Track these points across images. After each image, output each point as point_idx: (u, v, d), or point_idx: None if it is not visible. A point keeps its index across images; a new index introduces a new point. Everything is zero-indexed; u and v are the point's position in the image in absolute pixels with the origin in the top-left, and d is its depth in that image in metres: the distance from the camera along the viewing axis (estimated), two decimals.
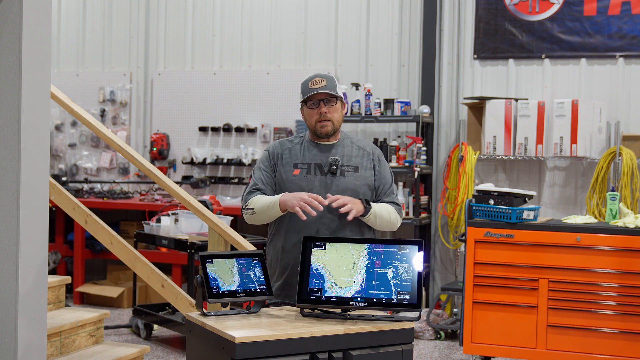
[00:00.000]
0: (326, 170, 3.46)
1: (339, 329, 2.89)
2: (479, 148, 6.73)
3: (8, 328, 3.29)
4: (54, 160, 8.33)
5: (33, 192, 3.35)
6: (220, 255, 3.10)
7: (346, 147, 3.54)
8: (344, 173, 3.47)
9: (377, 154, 3.59)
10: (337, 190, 3.41)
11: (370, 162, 3.54)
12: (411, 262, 3.06)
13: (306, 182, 3.44)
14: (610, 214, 5.45)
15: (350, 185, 3.45)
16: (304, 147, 3.53)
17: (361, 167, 3.51)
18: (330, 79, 3.49)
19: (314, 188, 3.42)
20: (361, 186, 3.47)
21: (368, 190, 3.49)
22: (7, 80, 3.28)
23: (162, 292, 5.09)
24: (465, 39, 7.06)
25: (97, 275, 8.09)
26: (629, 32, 6.57)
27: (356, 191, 3.45)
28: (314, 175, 3.45)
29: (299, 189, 3.42)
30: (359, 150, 3.56)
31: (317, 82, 3.46)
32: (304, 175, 3.45)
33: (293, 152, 3.52)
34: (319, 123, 3.48)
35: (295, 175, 3.45)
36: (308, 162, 3.48)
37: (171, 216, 6.25)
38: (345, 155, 3.51)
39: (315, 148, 3.52)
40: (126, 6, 8.19)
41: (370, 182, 3.51)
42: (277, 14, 7.70)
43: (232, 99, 7.79)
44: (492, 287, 5.28)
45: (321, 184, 3.44)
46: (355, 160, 3.51)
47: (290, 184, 3.44)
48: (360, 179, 3.48)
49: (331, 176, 3.45)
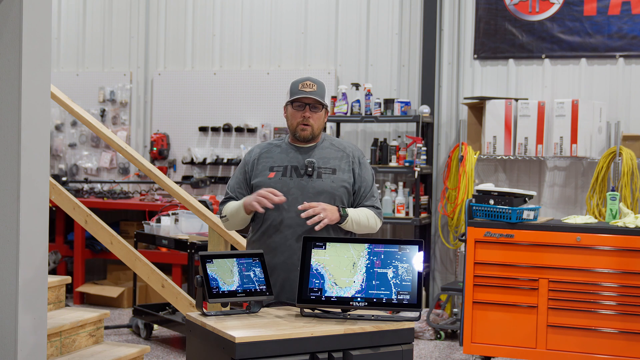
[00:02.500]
0: (302, 172, 3.43)
1: (339, 329, 2.89)
2: (479, 148, 6.73)
3: (8, 328, 3.29)
4: (54, 160, 8.33)
5: (33, 192, 3.35)
6: (220, 255, 3.10)
7: (325, 149, 3.51)
8: (320, 175, 3.43)
9: (357, 156, 3.54)
10: (313, 192, 3.38)
11: (349, 164, 3.50)
12: (411, 262, 3.06)
13: (281, 184, 3.40)
14: (610, 214, 5.45)
15: (326, 187, 3.41)
16: (283, 150, 3.51)
17: (339, 170, 3.47)
18: (321, 85, 3.48)
19: (290, 190, 3.39)
20: (338, 188, 3.43)
21: (345, 192, 3.45)
22: (7, 80, 3.29)
23: (162, 292, 5.09)
24: (465, 39, 7.06)
25: (97, 275, 8.09)
26: (629, 32, 6.57)
27: (332, 193, 3.41)
28: (289, 178, 3.42)
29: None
30: (338, 152, 3.52)
31: (307, 86, 3.45)
32: (279, 178, 3.42)
33: (271, 155, 3.50)
34: (299, 126, 3.46)
35: (270, 178, 3.43)
36: (285, 165, 3.46)
37: (171, 216, 6.25)
38: (323, 157, 3.48)
39: (293, 151, 3.50)
40: (126, 6, 8.19)
41: (348, 185, 3.46)
42: (277, 14, 7.70)
43: (232, 99, 7.79)
44: (492, 287, 5.28)
45: (297, 186, 3.40)
46: (333, 162, 3.48)
47: (265, 186, 3.40)
48: (337, 181, 3.44)
49: (307, 178, 3.42)
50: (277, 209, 3.37)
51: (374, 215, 3.49)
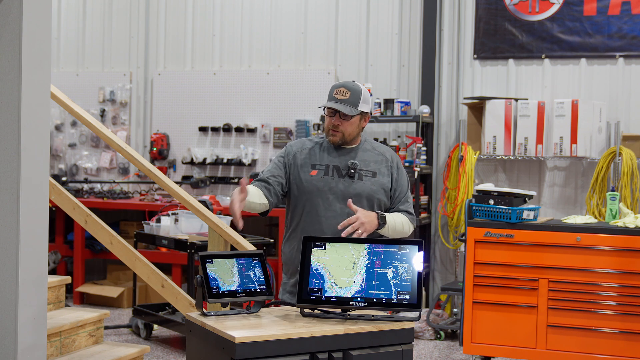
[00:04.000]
0: (344, 173, 3.47)
1: (339, 329, 2.89)
2: (479, 148, 6.73)
3: (8, 328, 3.29)
4: (54, 160, 8.33)
5: (33, 192, 3.35)
6: (220, 255, 3.09)
7: (366, 152, 3.55)
8: (361, 177, 3.47)
9: (395, 161, 3.59)
10: (354, 194, 3.42)
11: (388, 168, 3.55)
12: (411, 262, 3.06)
13: (323, 183, 3.45)
14: (610, 214, 5.45)
15: (367, 189, 3.46)
16: (324, 149, 3.54)
17: (379, 173, 3.51)
18: (355, 91, 3.44)
19: (331, 189, 3.44)
20: (377, 191, 3.48)
21: (384, 195, 3.51)
22: (7, 80, 3.28)
23: (162, 292, 5.08)
24: (465, 39, 7.07)
25: (97, 275, 8.09)
26: (629, 32, 6.57)
27: (372, 196, 3.47)
28: (332, 177, 3.46)
29: (316, 189, 3.44)
30: (378, 155, 3.56)
31: (340, 93, 3.44)
32: (321, 177, 3.46)
33: (312, 152, 3.53)
34: (330, 131, 3.50)
35: (312, 175, 3.47)
36: (326, 164, 3.49)
37: (171, 216, 6.25)
38: (364, 160, 3.52)
39: (334, 150, 3.52)
40: (126, 6, 8.19)
41: (387, 188, 3.52)
42: (277, 14, 7.70)
43: (232, 99, 7.79)
44: (492, 287, 5.28)
45: (338, 186, 3.45)
46: (373, 165, 3.52)
47: (307, 184, 3.46)
48: (377, 184, 3.49)
49: (349, 179, 3.46)
50: (316, 208, 3.42)
51: (408, 221, 3.56)
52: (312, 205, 3.45)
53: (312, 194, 3.45)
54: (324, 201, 3.43)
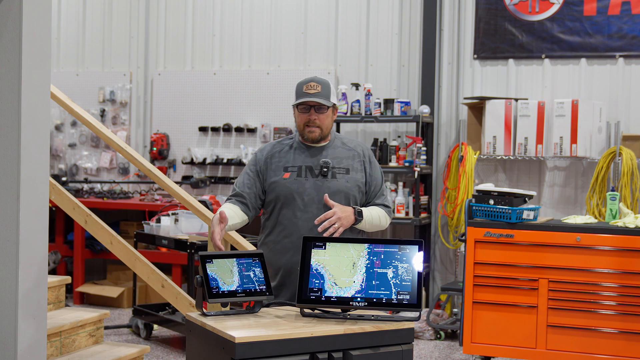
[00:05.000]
0: (317, 173, 3.45)
1: (339, 329, 2.89)
2: (479, 148, 6.73)
3: (8, 328, 3.29)
4: (54, 160, 8.33)
5: (33, 192, 3.35)
6: (220, 255, 3.09)
7: (337, 149, 3.53)
8: (335, 175, 3.46)
9: (367, 155, 3.58)
10: (329, 193, 3.40)
11: (361, 163, 3.54)
12: (411, 262, 3.05)
13: (297, 184, 3.43)
14: (610, 214, 5.45)
15: (341, 187, 3.44)
16: (294, 150, 3.51)
17: (352, 169, 3.50)
18: (325, 84, 3.47)
19: (306, 190, 3.42)
20: (352, 188, 3.47)
21: (358, 192, 3.49)
22: (7, 80, 3.29)
23: (162, 292, 5.09)
24: (465, 39, 7.06)
25: (97, 275, 8.09)
26: (629, 32, 6.57)
27: (347, 193, 3.45)
28: (305, 178, 3.44)
29: (290, 192, 3.42)
30: (350, 151, 3.54)
31: (311, 87, 3.45)
32: (295, 178, 3.44)
33: (283, 155, 3.51)
34: (307, 128, 3.47)
35: (285, 178, 3.44)
36: (298, 165, 3.47)
37: (171, 216, 6.25)
38: (336, 157, 3.50)
39: (305, 150, 3.51)
40: (126, 6, 8.19)
41: (361, 184, 3.51)
42: (277, 14, 7.70)
43: (232, 99, 7.79)
44: (492, 287, 5.28)
45: (312, 186, 3.43)
46: (345, 162, 3.51)
47: (281, 187, 3.44)
48: (352, 180, 3.48)
49: (322, 178, 3.44)
50: (292, 209, 3.40)
51: (385, 214, 3.54)
52: (288, 208, 3.42)
53: (287, 197, 3.43)
54: (299, 203, 3.41)
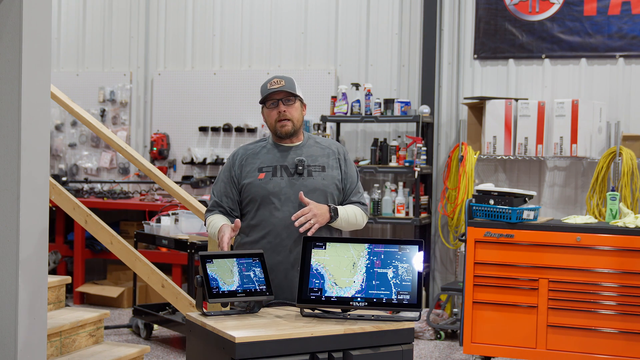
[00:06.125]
0: (292, 171, 3.43)
1: (339, 329, 2.89)
2: (479, 148, 6.73)
3: (8, 328, 3.29)
4: (54, 160, 8.33)
5: (33, 192, 3.35)
6: (220, 255, 3.09)
7: (311, 148, 3.52)
8: (311, 173, 3.44)
9: (342, 153, 3.57)
10: (306, 191, 3.38)
11: (336, 160, 3.52)
12: (411, 262, 3.05)
13: (272, 184, 3.41)
14: (610, 214, 5.45)
15: (318, 185, 3.43)
16: (268, 150, 3.50)
17: (327, 167, 3.49)
18: (288, 79, 3.51)
19: (282, 189, 3.39)
20: (329, 185, 3.45)
21: (336, 189, 3.48)
22: (7, 80, 3.29)
23: (162, 292, 5.09)
24: (465, 39, 7.07)
25: (97, 275, 8.09)
26: (629, 32, 6.57)
27: (325, 191, 3.44)
28: (280, 177, 3.42)
29: (265, 192, 3.39)
30: (324, 149, 3.54)
31: (275, 83, 3.49)
32: (270, 178, 3.42)
33: (256, 156, 3.49)
34: (278, 123, 3.47)
35: (260, 179, 3.42)
36: (273, 165, 3.45)
37: (171, 216, 6.25)
38: (310, 156, 3.49)
39: (279, 150, 3.50)
40: (126, 6, 8.19)
41: (338, 181, 3.49)
42: (277, 14, 7.70)
43: (232, 99, 7.79)
44: (492, 287, 5.28)
45: (288, 185, 3.41)
46: (321, 159, 3.49)
47: (257, 188, 3.41)
48: (328, 178, 3.46)
49: (298, 177, 3.43)
50: (269, 209, 3.39)
51: (361, 212, 3.53)
52: (264, 209, 3.40)
53: (263, 197, 3.40)
54: (275, 202, 3.38)
